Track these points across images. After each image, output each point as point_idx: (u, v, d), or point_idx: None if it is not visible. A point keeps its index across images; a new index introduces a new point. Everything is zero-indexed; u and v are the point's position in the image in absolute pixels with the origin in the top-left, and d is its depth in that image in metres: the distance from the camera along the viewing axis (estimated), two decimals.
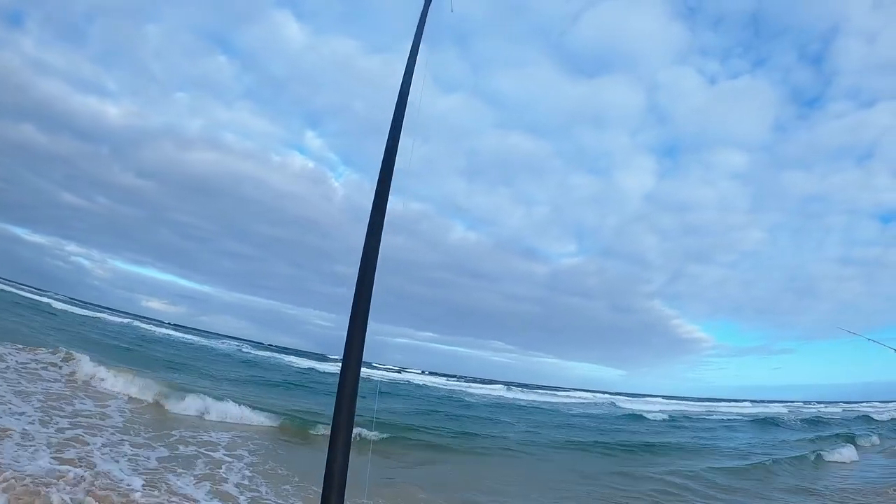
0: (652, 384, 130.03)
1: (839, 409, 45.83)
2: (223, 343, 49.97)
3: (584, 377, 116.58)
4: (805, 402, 56.46)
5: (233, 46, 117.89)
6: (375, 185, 2.02)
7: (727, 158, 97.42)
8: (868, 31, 79.82)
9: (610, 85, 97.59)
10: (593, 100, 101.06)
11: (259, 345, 62.48)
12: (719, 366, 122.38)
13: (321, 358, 48.34)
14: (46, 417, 8.64)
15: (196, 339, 47.08)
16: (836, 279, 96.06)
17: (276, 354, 48.89)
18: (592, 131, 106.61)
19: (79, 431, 8.29)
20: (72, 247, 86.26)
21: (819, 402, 56.97)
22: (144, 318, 65.13)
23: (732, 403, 54.17)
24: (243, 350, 46.44)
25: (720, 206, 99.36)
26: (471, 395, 37.75)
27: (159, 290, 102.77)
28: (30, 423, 8.12)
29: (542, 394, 48.82)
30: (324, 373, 33.68)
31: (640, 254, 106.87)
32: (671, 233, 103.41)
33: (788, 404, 53.53)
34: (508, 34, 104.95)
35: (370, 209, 2.06)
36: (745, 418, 33.34)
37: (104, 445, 7.89)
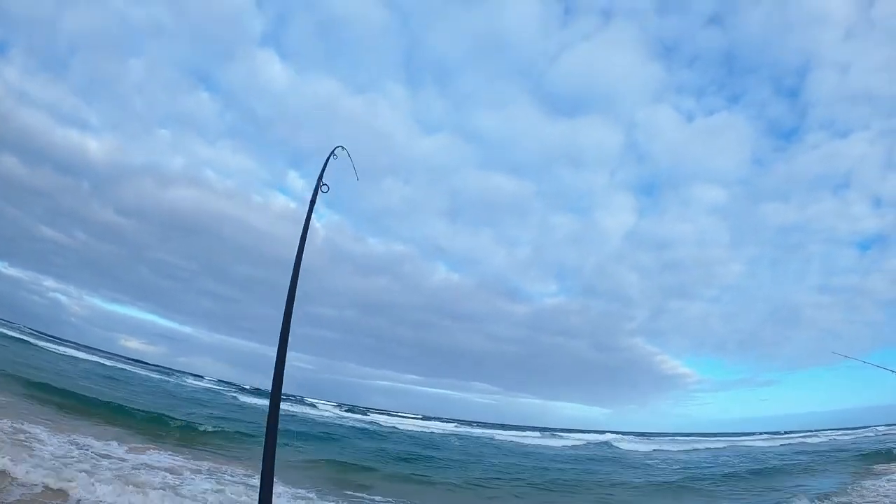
0: (637, 422, 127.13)
1: (825, 438, 43.88)
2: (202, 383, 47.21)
3: (570, 417, 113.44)
4: (785, 433, 54.87)
5: (216, 83, 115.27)
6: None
7: (705, 193, 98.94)
8: (840, 63, 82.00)
9: (589, 124, 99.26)
10: (573, 139, 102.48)
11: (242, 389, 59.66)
12: (704, 400, 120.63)
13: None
14: None
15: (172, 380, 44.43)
16: (817, 308, 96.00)
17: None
18: (572, 171, 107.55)
19: None
20: (49, 282, 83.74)
21: (803, 432, 55.27)
22: (122, 357, 62.46)
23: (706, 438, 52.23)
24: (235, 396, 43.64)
25: (699, 241, 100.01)
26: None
27: (138, 328, 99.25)
28: None
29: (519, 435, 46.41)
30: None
31: (622, 291, 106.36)
32: (651, 270, 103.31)
33: (769, 436, 52.12)
34: (488, 73, 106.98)
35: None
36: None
37: None
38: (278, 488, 10.46)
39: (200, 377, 64.52)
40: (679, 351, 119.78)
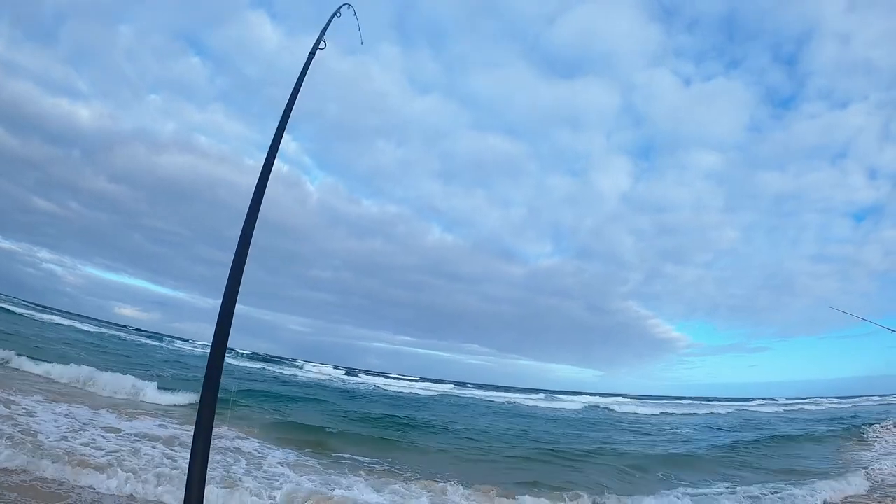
0: (629, 384, 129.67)
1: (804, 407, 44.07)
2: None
3: (564, 378, 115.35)
4: (765, 400, 55.47)
5: (206, 47, 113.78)
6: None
7: (702, 159, 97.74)
8: (841, 33, 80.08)
9: (586, 86, 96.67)
10: (569, 101, 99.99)
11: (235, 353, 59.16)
12: (694, 365, 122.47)
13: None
14: None
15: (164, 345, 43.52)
16: (811, 277, 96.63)
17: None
18: (569, 132, 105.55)
19: None
20: (43, 253, 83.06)
21: (802, 399, 55.90)
22: (115, 324, 61.52)
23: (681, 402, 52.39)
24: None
25: (695, 206, 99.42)
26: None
27: (132, 296, 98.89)
28: None
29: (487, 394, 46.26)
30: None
31: (616, 254, 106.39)
32: (647, 233, 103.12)
33: (764, 401, 52.65)
34: (483, 34, 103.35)
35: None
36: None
37: None
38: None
39: (186, 340, 64.54)
40: (672, 315, 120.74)
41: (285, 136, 3.28)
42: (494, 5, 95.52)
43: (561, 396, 49.78)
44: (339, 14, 4.26)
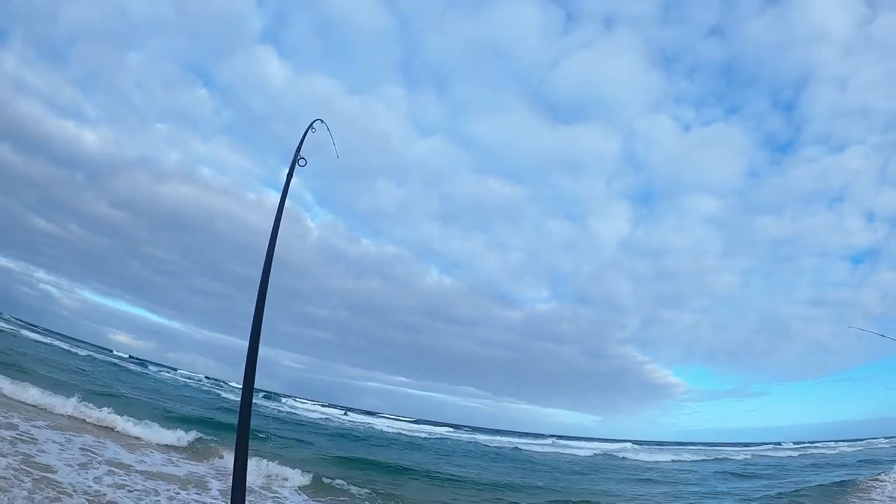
0: (628, 429, 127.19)
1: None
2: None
3: (561, 423, 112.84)
4: (773, 444, 54.40)
5: (214, 80, 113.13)
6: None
7: (701, 204, 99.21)
8: (838, 78, 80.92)
9: (587, 132, 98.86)
10: (570, 146, 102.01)
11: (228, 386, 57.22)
12: (693, 410, 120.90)
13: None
14: None
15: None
16: (808, 320, 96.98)
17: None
18: (569, 178, 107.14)
19: None
20: (40, 273, 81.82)
21: (816, 442, 54.90)
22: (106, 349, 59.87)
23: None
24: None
25: (693, 251, 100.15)
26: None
27: (127, 323, 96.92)
28: None
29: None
30: None
31: (614, 299, 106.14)
32: (645, 278, 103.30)
33: (773, 446, 51.58)
34: (487, 79, 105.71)
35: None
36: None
37: None
38: None
39: (174, 369, 62.78)
40: (669, 360, 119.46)
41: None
42: (498, 50, 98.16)
43: (569, 442, 48.04)
44: (312, 129, 4.43)
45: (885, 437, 53.23)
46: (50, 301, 79.37)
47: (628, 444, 49.18)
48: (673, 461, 33.29)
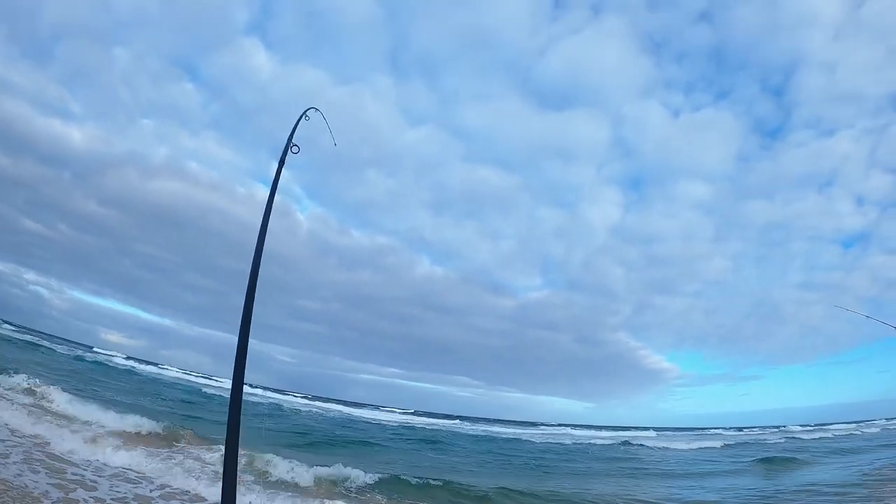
0: (623, 416, 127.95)
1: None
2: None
3: (551, 411, 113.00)
4: (776, 428, 54.49)
5: (200, 74, 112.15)
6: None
7: (691, 189, 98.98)
8: (828, 63, 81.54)
9: (577, 118, 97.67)
10: (560, 133, 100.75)
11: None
12: (686, 395, 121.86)
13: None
14: None
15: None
16: (799, 304, 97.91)
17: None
18: (560, 165, 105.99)
19: None
20: (30, 275, 78.90)
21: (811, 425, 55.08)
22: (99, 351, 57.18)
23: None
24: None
25: (684, 237, 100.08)
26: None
27: (119, 322, 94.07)
28: None
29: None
30: None
31: (606, 286, 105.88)
32: (636, 264, 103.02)
33: (774, 429, 51.55)
34: (476, 67, 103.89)
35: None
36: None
37: None
38: None
39: (156, 364, 60.55)
40: (662, 345, 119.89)
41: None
42: (486, 38, 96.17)
43: (581, 431, 46.97)
44: (306, 117, 4.34)
45: (885, 419, 53.61)
46: (40, 302, 77.29)
47: (634, 432, 48.39)
48: (695, 449, 32.10)
